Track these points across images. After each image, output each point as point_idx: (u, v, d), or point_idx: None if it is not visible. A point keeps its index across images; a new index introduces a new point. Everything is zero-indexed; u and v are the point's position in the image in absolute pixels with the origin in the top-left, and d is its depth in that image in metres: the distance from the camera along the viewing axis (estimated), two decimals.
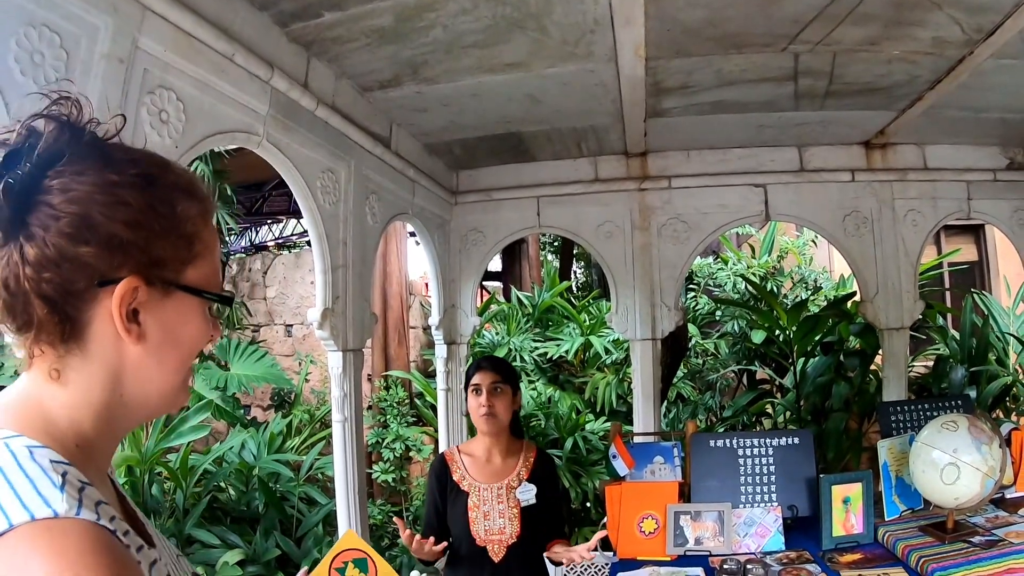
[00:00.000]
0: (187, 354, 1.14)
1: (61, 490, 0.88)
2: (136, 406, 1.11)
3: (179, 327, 1.11)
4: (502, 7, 3.22)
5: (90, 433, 1.04)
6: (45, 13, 2.05)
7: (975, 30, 3.56)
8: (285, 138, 3.42)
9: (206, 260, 1.14)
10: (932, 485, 3.30)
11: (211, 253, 1.16)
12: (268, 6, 3.11)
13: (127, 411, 1.10)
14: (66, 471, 0.92)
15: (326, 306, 3.85)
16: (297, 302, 12.35)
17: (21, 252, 0.96)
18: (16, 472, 0.88)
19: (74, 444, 1.01)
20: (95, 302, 1.01)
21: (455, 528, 3.54)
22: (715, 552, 3.66)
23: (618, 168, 5.77)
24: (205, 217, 1.14)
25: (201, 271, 1.13)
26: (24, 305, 0.98)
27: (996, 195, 5.66)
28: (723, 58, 3.94)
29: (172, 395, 1.15)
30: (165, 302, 1.08)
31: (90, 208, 0.97)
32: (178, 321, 1.11)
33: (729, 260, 10.00)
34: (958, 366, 7.39)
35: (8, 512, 0.83)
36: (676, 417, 8.71)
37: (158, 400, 1.14)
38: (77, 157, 0.99)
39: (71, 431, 1.02)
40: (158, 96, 2.55)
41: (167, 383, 1.12)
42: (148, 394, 1.11)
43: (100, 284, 1.00)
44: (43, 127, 0.99)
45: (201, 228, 1.13)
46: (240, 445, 7.67)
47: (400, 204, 4.87)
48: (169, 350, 1.11)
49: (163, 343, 1.09)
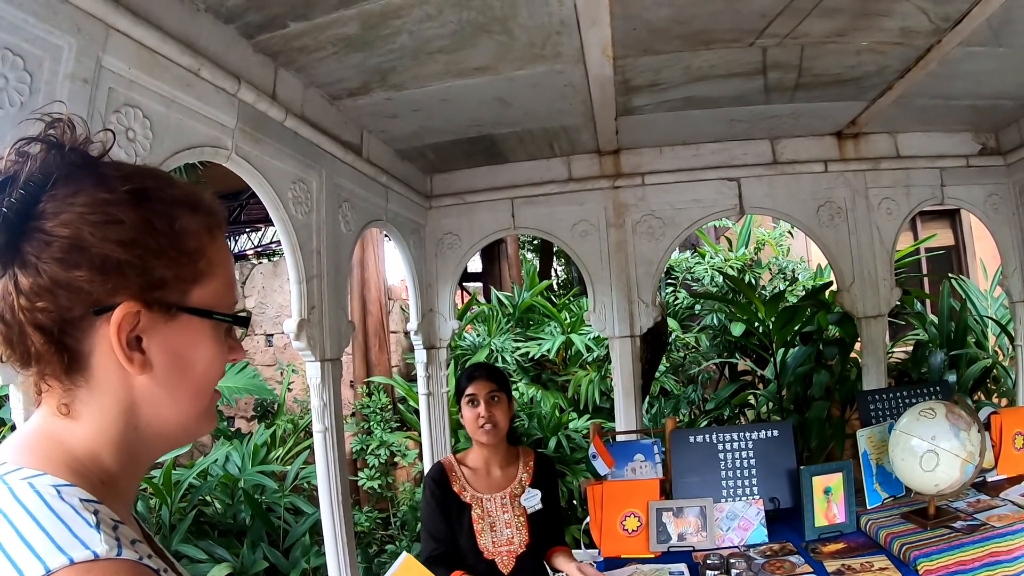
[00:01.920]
0: (203, 381, 1.08)
1: (98, 529, 0.84)
2: (154, 438, 1.06)
3: (189, 352, 1.05)
4: (467, 12, 3.22)
5: (112, 468, 1.00)
6: (6, 36, 2.04)
7: (942, 19, 3.58)
8: (255, 150, 3.40)
9: (215, 278, 1.07)
10: (912, 472, 3.33)
11: (220, 270, 1.09)
12: (234, 19, 3.09)
13: (146, 444, 1.05)
14: (97, 509, 0.89)
15: (302, 317, 3.83)
16: (277, 311, 12.28)
17: (15, 282, 0.92)
18: (45, 513, 0.84)
19: (99, 480, 0.96)
20: (94, 331, 0.96)
21: (460, 542, 3.43)
22: (698, 547, 3.67)
23: (591, 167, 5.78)
24: (212, 232, 1.08)
25: (209, 290, 1.06)
26: (20, 337, 0.94)
27: (969, 181, 5.70)
28: (691, 55, 3.95)
29: (194, 425, 1.10)
30: (170, 326, 1.02)
31: (81, 230, 0.92)
32: (187, 346, 1.04)
33: (707, 254, 10.04)
34: (937, 351, 7.45)
35: (43, 556, 0.79)
36: (659, 411, 8.74)
37: (177, 431, 1.08)
38: (71, 179, 0.95)
39: (94, 467, 0.97)
40: (124, 114, 2.53)
41: (184, 413, 1.07)
42: (165, 425, 1.06)
43: (96, 312, 0.95)
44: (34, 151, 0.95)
45: (207, 243, 1.06)
46: (224, 458, 7.63)
47: (374, 211, 4.86)
48: (180, 378, 1.05)
49: (172, 371, 1.03)
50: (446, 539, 3.43)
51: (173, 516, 6.52)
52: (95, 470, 0.97)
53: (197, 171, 8.86)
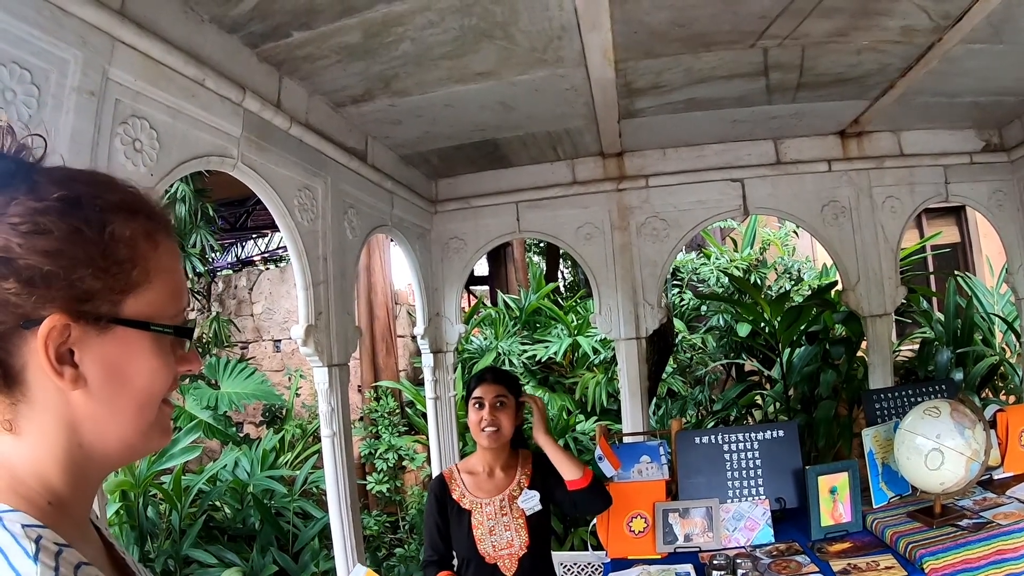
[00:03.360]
0: (144, 395, 1.02)
1: (35, 560, 0.82)
2: (100, 456, 1.01)
3: (126, 366, 0.99)
4: (468, 18, 3.24)
5: (60, 488, 0.96)
6: (14, 50, 2.06)
7: (942, 17, 3.58)
8: (260, 158, 3.42)
9: (152, 287, 1.01)
10: (917, 471, 3.34)
11: (161, 278, 1.03)
12: (237, 28, 3.12)
13: (94, 462, 1.00)
14: (40, 535, 0.86)
15: (309, 322, 3.84)
16: (284, 317, 12.33)
17: None
18: None
19: (46, 502, 0.94)
20: (26, 345, 0.92)
21: (461, 549, 3.44)
22: (705, 548, 3.68)
23: (595, 170, 5.78)
24: (152, 237, 1.03)
25: (146, 299, 1.01)
26: None
27: (973, 178, 5.68)
28: (692, 57, 3.96)
29: (139, 442, 1.04)
30: (104, 339, 0.97)
31: (9, 241, 0.89)
32: (123, 359, 0.99)
33: (712, 255, 10.04)
34: (944, 349, 7.43)
35: None
36: (666, 413, 8.73)
37: (121, 448, 1.03)
38: (5, 188, 0.92)
39: (40, 488, 0.95)
40: (131, 125, 2.56)
41: (126, 429, 1.01)
42: (108, 443, 1.00)
43: (25, 325, 0.92)
44: None
45: (145, 251, 1.01)
46: (233, 463, 7.68)
47: (379, 217, 4.88)
48: (118, 393, 0.99)
49: (109, 385, 0.98)
50: (440, 549, 3.47)
51: (183, 521, 6.56)
52: (41, 491, 0.95)
53: (203, 179, 8.94)
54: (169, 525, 6.60)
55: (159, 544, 6.37)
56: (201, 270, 9.01)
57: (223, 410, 9.50)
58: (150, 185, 2.65)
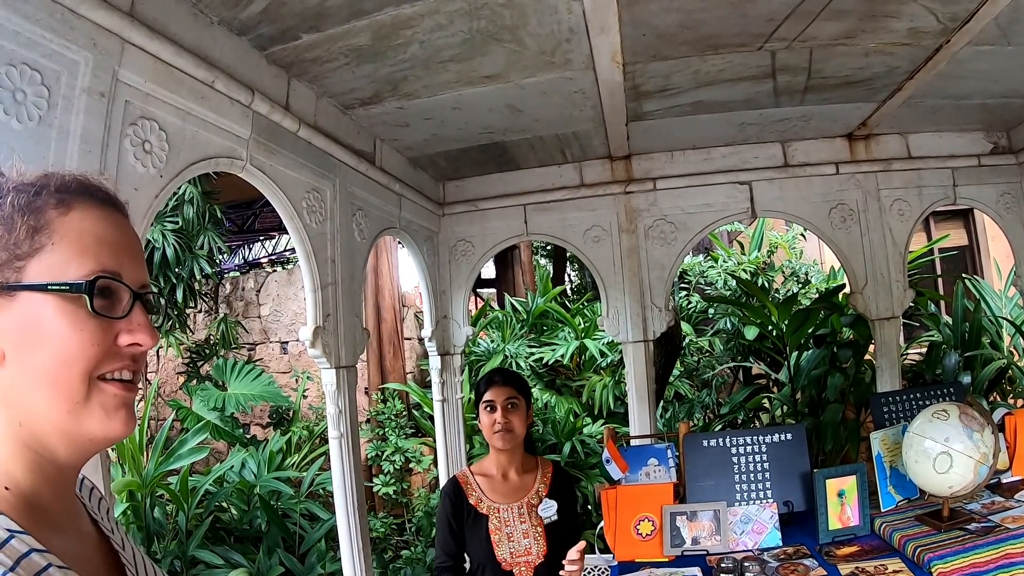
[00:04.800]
0: (54, 364, 0.97)
1: None
2: (44, 438, 0.99)
3: (34, 331, 0.97)
4: (477, 21, 3.25)
5: (16, 473, 0.97)
6: (25, 52, 2.07)
7: (950, 19, 3.59)
8: (269, 160, 3.44)
9: (57, 248, 0.99)
10: (925, 474, 3.32)
11: (68, 238, 1.00)
12: (247, 31, 3.13)
13: (42, 445, 0.99)
14: None
15: (317, 324, 3.86)
16: (291, 319, 12.35)
17: None
18: None
19: (3, 487, 0.95)
20: None
21: (477, 554, 3.39)
22: (712, 551, 3.67)
23: (603, 172, 5.79)
24: (65, 204, 1.02)
25: (49, 261, 0.99)
26: None
27: (981, 180, 5.68)
28: (700, 59, 3.96)
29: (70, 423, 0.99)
30: (12, 307, 0.97)
31: None
32: (30, 325, 0.97)
33: (719, 258, 10.04)
34: (951, 352, 7.40)
35: None
36: (673, 416, 8.73)
37: (56, 432, 0.99)
38: None
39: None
40: (140, 127, 2.57)
41: (51, 407, 0.98)
42: (41, 423, 0.98)
43: None
44: None
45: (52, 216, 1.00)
46: (240, 464, 7.69)
47: (387, 219, 4.89)
48: (32, 361, 0.97)
49: (19, 354, 0.97)
50: (455, 555, 3.42)
51: (190, 522, 6.58)
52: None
53: (211, 181, 8.96)
54: (176, 526, 6.62)
55: (165, 545, 6.39)
56: (209, 272, 9.01)
57: (230, 411, 9.53)
58: (159, 186, 2.67)
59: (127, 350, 1.04)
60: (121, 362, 1.04)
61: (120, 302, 1.04)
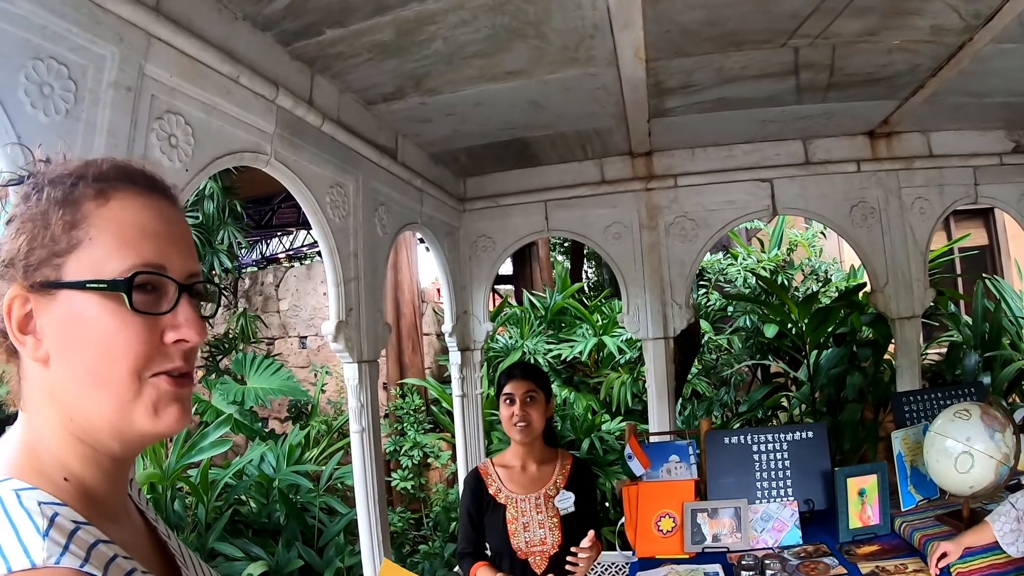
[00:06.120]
0: (102, 364, 0.96)
1: (44, 536, 0.82)
2: (95, 432, 0.98)
3: (77, 331, 0.96)
4: (501, 17, 3.25)
5: (73, 464, 0.97)
6: (52, 46, 2.09)
7: (973, 16, 3.56)
8: (293, 155, 3.46)
9: (96, 243, 0.97)
10: (946, 474, 3.31)
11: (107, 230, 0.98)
12: (271, 26, 3.15)
13: (93, 438, 0.98)
14: (56, 512, 0.86)
15: (340, 319, 3.88)
16: (310, 314, 12.40)
17: None
18: (2, 520, 0.83)
19: (62, 478, 0.94)
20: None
21: (494, 542, 3.46)
22: (733, 548, 3.68)
23: (624, 169, 5.79)
24: (104, 194, 0.99)
25: (88, 257, 0.96)
26: None
27: (1003, 179, 5.64)
28: (723, 56, 3.95)
29: (119, 419, 0.98)
30: (53, 307, 0.96)
31: None
32: (73, 324, 0.96)
33: (739, 255, 10.00)
34: (971, 352, 7.36)
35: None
36: (692, 414, 8.71)
37: (106, 426, 0.98)
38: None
39: (56, 464, 0.95)
40: (166, 121, 2.60)
41: (100, 404, 0.96)
42: (90, 418, 0.97)
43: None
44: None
45: (90, 209, 0.98)
46: (259, 458, 7.72)
47: (409, 214, 4.91)
48: (77, 360, 0.96)
49: (64, 354, 0.96)
50: (475, 542, 3.49)
51: (209, 515, 6.61)
52: (56, 467, 0.95)
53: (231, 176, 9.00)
54: (195, 518, 6.65)
55: (185, 537, 6.41)
56: (229, 266, 9.05)
57: (249, 405, 9.58)
58: (185, 180, 2.69)
59: (174, 347, 1.01)
60: (170, 361, 1.01)
61: (165, 296, 1.01)
